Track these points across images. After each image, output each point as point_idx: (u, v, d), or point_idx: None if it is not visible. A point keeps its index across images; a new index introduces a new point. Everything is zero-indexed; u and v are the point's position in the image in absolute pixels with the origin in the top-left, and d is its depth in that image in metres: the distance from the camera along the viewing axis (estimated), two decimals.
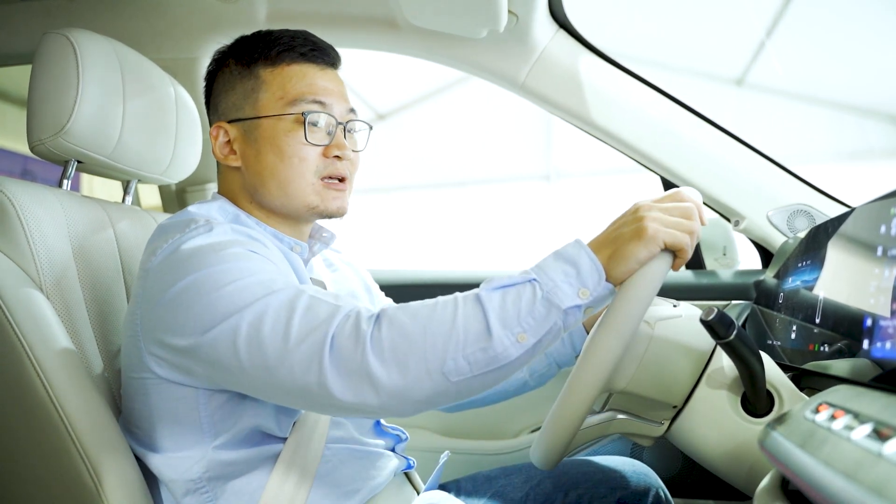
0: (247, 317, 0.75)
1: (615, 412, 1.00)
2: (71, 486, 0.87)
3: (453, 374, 0.71)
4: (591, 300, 0.74)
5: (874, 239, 0.75)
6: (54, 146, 1.02)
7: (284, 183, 0.95)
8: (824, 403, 0.66)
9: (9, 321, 0.88)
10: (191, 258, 0.82)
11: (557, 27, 1.41)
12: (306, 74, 0.97)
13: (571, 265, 0.75)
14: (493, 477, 1.16)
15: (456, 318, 0.72)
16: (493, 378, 0.73)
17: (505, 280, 0.74)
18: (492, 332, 0.71)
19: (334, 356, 0.72)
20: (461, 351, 0.71)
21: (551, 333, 0.73)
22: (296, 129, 0.95)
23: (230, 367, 0.76)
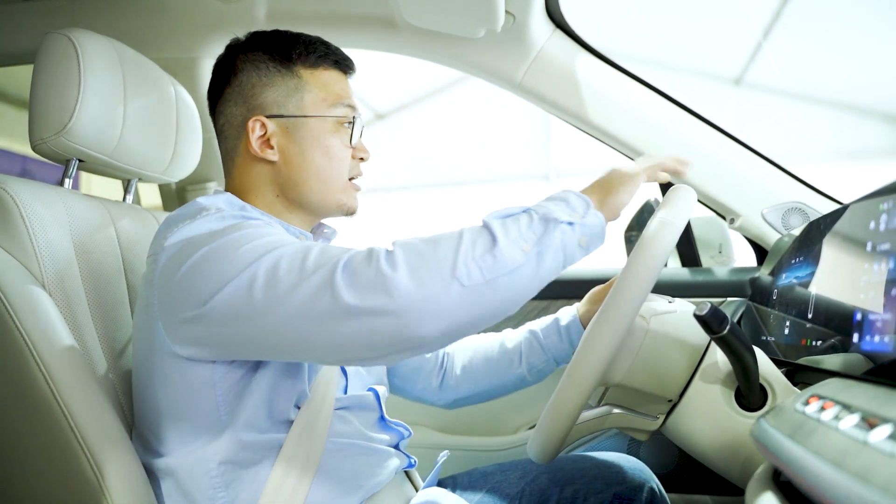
0: (263, 264, 0.79)
1: (611, 406, 1.01)
2: (73, 479, 0.88)
3: (465, 277, 0.74)
4: (581, 222, 0.82)
5: (864, 235, 0.76)
6: (56, 145, 1.03)
7: (327, 181, 1.01)
8: (815, 395, 0.67)
9: (12, 317, 0.89)
10: (204, 236, 0.85)
11: (554, 27, 1.42)
12: (339, 80, 1.04)
13: (561, 199, 0.84)
14: (490, 473, 1.17)
15: (463, 235, 0.78)
16: (504, 286, 0.76)
17: (503, 211, 0.82)
18: (497, 240, 0.77)
19: (346, 274, 0.75)
20: (471, 256, 0.76)
21: (551, 247, 0.79)
22: (339, 130, 1.02)
23: (247, 315, 0.79)
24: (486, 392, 1.23)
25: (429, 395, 1.24)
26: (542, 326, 1.20)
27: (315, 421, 0.92)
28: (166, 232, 0.90)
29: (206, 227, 0.88)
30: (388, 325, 0.74)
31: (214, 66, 1.06)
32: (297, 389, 0.92)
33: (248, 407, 0.88)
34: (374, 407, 1.03)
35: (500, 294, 0.77)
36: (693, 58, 4.84)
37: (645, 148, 1.41)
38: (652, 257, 0.82)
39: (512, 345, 1.21)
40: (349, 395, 1.00)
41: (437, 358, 1.24)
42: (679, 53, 4.74)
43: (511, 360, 1.20)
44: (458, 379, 1.23)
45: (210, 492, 0.88)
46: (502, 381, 1.22)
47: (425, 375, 1.23)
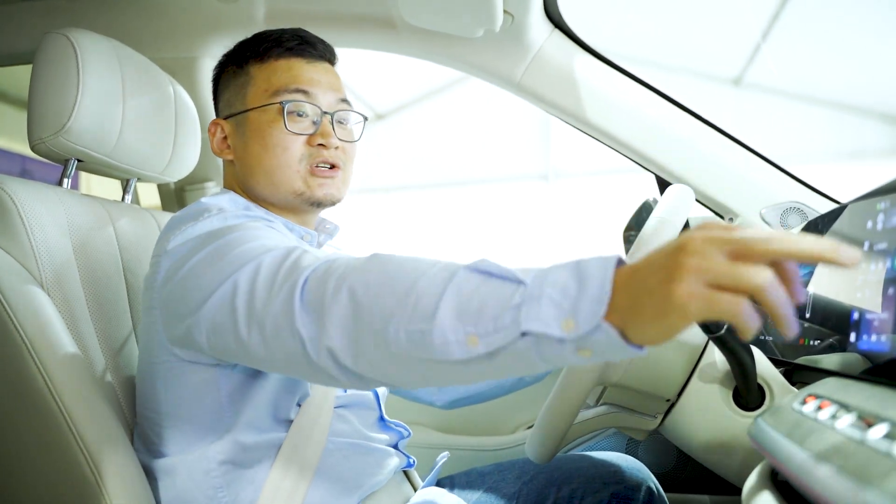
0: (245, 273, 0.74)
1: (609, 406, 1.01)
2: (71, 479, 0.88)
3: (393, 342, 0.60)
4: (576, 337, 0.52)
5: (861, 234, 0.76)
6: (55, 145, 1.03)
7: (270, 172, 0.98)
8: (812, 395, 0.68)
9: (10, 317, 0.89)
10: (204, 238, 0.84)
11: (553, 27, 1.42)
12: (292, 67, 1.00)
13: (578, 281, 0.54)
14: (487, 473, 1.17)
15: (416, 285, 0.60)
16: (433, 368, 0.60)
17: (497, 268, 0.59)
18: (437, 315, 0.57)
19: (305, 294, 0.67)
20: (404, 323, 0.59)
21: (513, 357, 0.56)
22: (278, 118, 0.97)
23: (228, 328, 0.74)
24: (484, 393, 1.23)
25: (427, 395, 1.25)
26: None
27: (315, 419, 0.92)
28: (169, 234, 0.90)
29: (208, 227, 0.87)
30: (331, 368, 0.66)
31: None
32: (301, 389, 0.92)
33: (252, 406, 0.88)
34: (374, 406, 1.03)
35: (440, 375, 0.61)
36: (692, 58, 4.84)
37: (643, 148, 1.41)
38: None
39: None
40: (349, 393, 1.00)
41: None
42: (677, 53, 4.74)
43: None
44: None
45: (210, 492, 0.89)
46: (500, 382, 1.22)
47: None
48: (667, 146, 1.40)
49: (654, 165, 1.42)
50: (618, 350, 0.53)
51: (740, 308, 0.47)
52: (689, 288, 0.48)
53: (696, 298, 0.48)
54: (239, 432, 0.88)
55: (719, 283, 0.48)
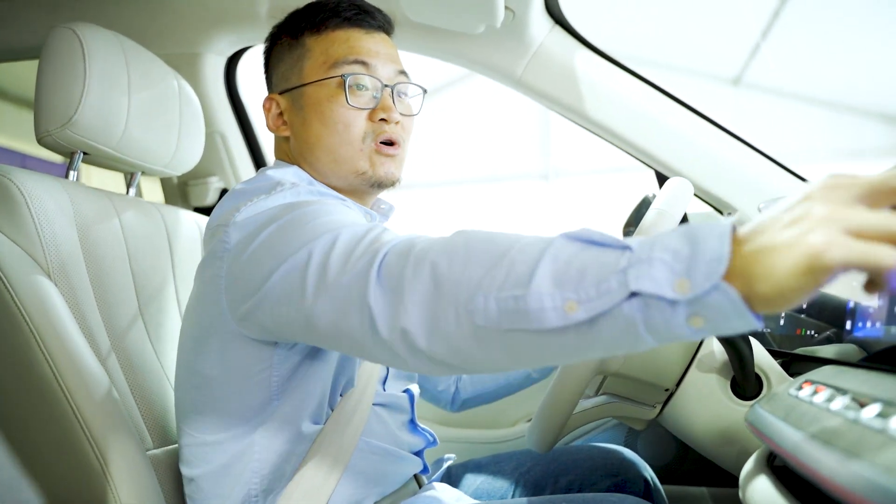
0: (320, 244, 0.70)
1: (609, 396, 1.02)
2: (77, 467, 0.89)
3: (480, 314, 0.56)
4: (692, 297, 0.48)
5: None
6: (61, 137, 1.04)
7: (332, 150, 0.94)
8: (808, 381, 0.69)
9: (18, 306, 0.90)
10: (274, 212, 0.80)
11: (553, 23, 1.43)
12: (350, 38, 0.95)
13: (690, 243, 0.49)
14: (485, 464, 1.17)
15: (509, 252, 0.57)
16: (520, 343, 0.55)
17: (599, 236, 0.55)
18: (533, 280, 0.54)
19: (383, 270, 0.64)
20: (495, 289, 0.55)
21: (614, 318, 0.51)
22: (338, 93, 0.93)
23: (296, 297, 0.70)
24: (492, 392, 1.23)
25: (447, 395, 1.23)
26: None
27: (353, 413, 0.90)
28: (237, 203, 0.85)
29: (281, 200, 0.83)
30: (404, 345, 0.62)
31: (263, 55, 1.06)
32: (347, 375, 0.91)
33: (299, 392, 0.86)
34: (407, 409, 1.02)
35: (520, 353, 0.57)
36: (691, 57, 4.85)
37: (642, 143, 1.42)
38: None
39: None
40: (387, 392, 0.98)
41: None
42: (677, 53, 4.75)
43: None
44: (465, 381, 1.23)
45: (248, 475, 0.86)
46: (508, 380, 1.21)
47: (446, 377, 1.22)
48: (666, 142, 1.41)
49: (654, 161, 1.43)
50: (735, 317, 0.47)
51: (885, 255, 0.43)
52: (827, 237, 0.44)
53: (837, 246, 0.44)
54: (282, 417, 0.86)
55: (860, 230, 0.44)
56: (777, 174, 1.41)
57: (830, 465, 0.47)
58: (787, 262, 0.45)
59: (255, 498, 0.87)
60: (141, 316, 1.10)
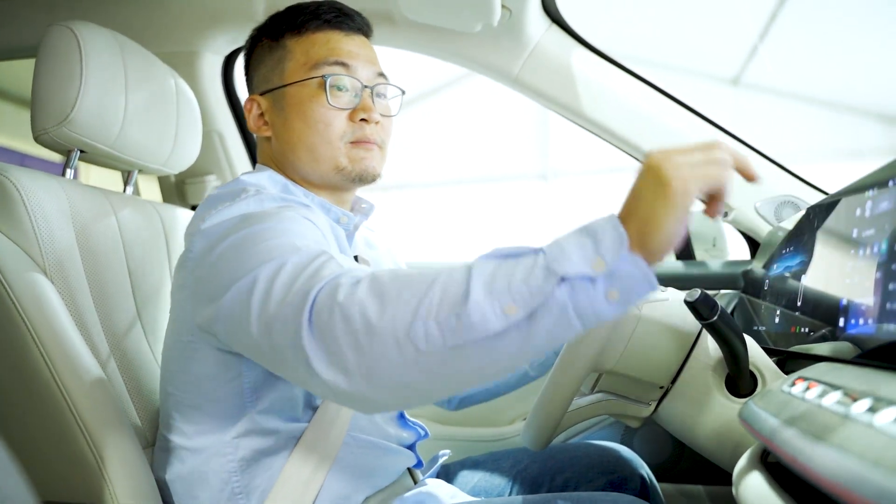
0: (265, 271, 0.71)
1: (604, 394, 1.02)
2: (74, 464, 0.89)
3: (422, 340, 0.59)
4: (607, 271, 0.57)
5: (851, 222, 0.77)
6: (58, 135, 1.04)
7: (312, 148, 0.96)
8: (801, 378, 0.69)
9: (14, 304, 0.90)
10: (237, 222, 0.82)
11: (550, 22, 1.43)
12: (330, 39, 0.98)
13: (589, 236, 0.59)
14: (482, 462, 1.17)
15: (436, 281, 0.61)
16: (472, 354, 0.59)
17: (506, 250, 0.62)
18: (470, 295, 0.58)
19: (314, 317, 0.64)
20: (433, 314, 0.59)
21: (549, 308, 0.57)
22: (319, 93, 0.95)
23: (242, 323, 0.72)
24: (489, 390, 1.23)
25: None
26: None
27: (338, 412, 0.91)
28: (204, 213, 0.87)
29: (243, 209, 0.85)
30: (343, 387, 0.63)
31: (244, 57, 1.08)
32: None
33: (274, 394, 0.87)
34: None
35: (468, 365, 0.60)
36: (690, 57, 4.85)
37: (639, 142, 1.42)
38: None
39: None
40: None
41: None
42: (675, 53, 4.76)
43: None
44: None
45: (225, 475, 0.88)
46: (505, 378, 1.21)
47: None
48: (662, 140, 1.41)
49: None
50: (642, 281, 0.58)
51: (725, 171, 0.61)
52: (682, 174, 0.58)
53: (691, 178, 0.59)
54: (259, 419, 0.87)
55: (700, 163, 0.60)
56: (772, 172, 1.41)
57: (821, 460, 0.47)
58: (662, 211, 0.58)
59: (240, 496, 0.88)
60: (137, 314, 1.10)
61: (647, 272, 0.58)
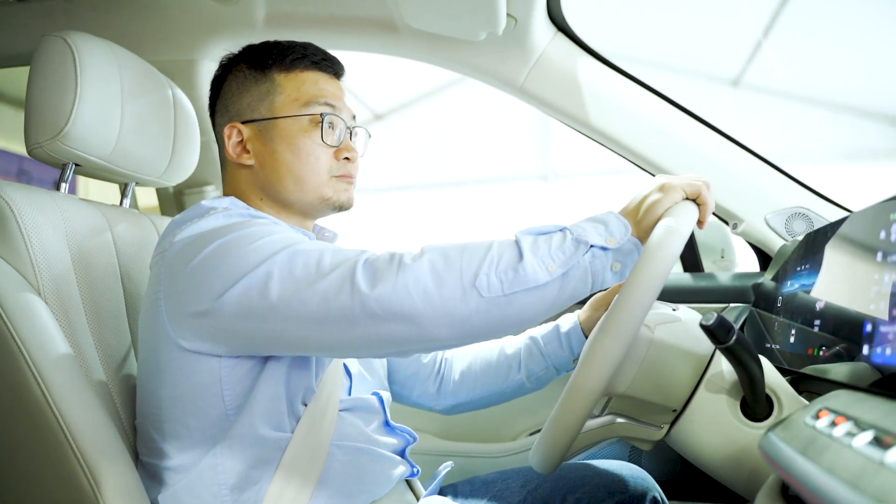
0: (277, 260, 0.80)
1: (615, 416, 1.00)
2: (69, 489, 0.87)
3: (485, 288, 0.76)
4: (617, 247, 0.80)
5: (874, 244, 0.75)
6: (52, 149, 1.02)
7: (300, 178, 1.01)
8: (825, 409, 0.66)
9: (7, 327, 0.88)
10: (213, 232, 0.86)
11: (556, 30, 1.41)
12: (318, 80, 1.04)
13: (600, 222, 0.82)
14: (491, 481, 1.16)
15: (492, 247, 0.79)
16: (522, 303, 0.77)
17: (539, 227, 0.82)
18: (524, 256, 0.77)
19: (367, 274, 0.77)
20: (494, 268, 0.76)
21: (578, 269, 0.78)
22: (311, 129, 1.01)
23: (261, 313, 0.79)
24: (485, 398, 1.22)
25: (426, 400, 1.24)
26: (543, 333, 1.19)
27: (321, 419, 0.92)
28: (174, 230, 0.91)
29: (216, 223, 0.89)
30: (405, 327, 0.76)
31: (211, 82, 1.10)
32: (304, 385, 0.92)
33: (255, 403, 0.88)
34: (378, 410, 1.03)
35: (517, 309, 0.77)
36: (690, 58, 4.84)
37: (647, 153, 1.40)
38: (657, 266, 0.80)
39: (511, 351, 1.20)
40: (353, 396, 1.00)
41: (434, 364, 1.23)
42: (676, 54, 4.74)
43: (510, 366, 1.19)
44: (456, 384, 1.22)
45: (215, 489, 0.88)
46: (501, 387, 1.21)
47: (422, 381, 1.22)
48: (671, 151, 1.39)
49: (658, 170, 1.41)
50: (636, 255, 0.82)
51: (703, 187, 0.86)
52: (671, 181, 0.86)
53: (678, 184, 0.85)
54: (243, 429, 0.88)
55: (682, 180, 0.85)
56: (783, 184, 1.39)
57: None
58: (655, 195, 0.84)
59: None
60: (132, 334, 1.08)
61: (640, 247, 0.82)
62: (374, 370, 1.11)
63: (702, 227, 0.88)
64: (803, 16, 4.41)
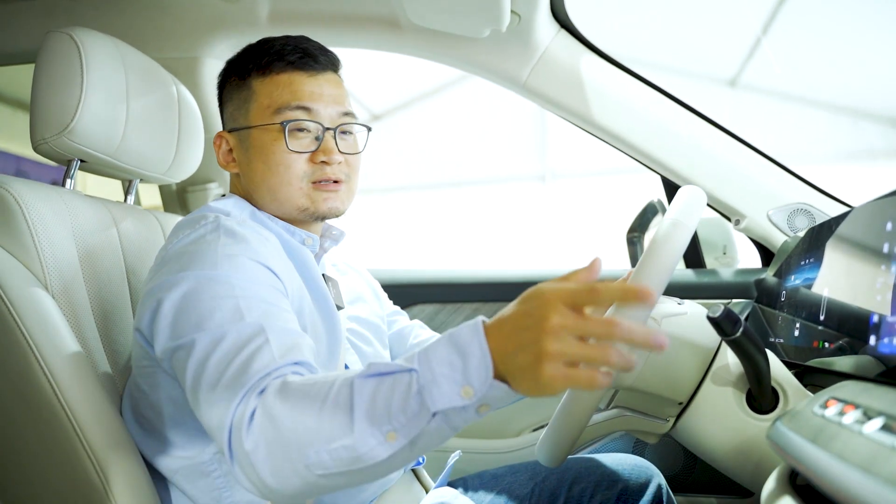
0: (204, 339, 0.76)
1: (621, 409, 1.00)
2: (78, 484, 0.87)
3: (317, 467, 0.65)
4: (477, 399, 0.62)
5: (880, 236, 0.75)
6: (58, 145, 1.02)
7: (273, 189, 0.98)
8: (833, 399, 0.67)
9: (15, 321, 0.88)
10: (189, 256, 0.84)
11: (559, 27, 1.41)
12: (293, 82, 0.99)
13: (459, 355, 0.63)
14: (500, 475, 1.16)
15: (324, 406, 0.66)
16: (361, 477, 0.67)
17: (384, 367, 0.66)
18: (354, 428, 0.64)
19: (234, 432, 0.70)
20: (325, 446, 0.65)
21: (429, 435, 0.64)
22: (279, 137, 0.97)
23: (182, 381, 0.78)
24: None
25: None
26: None
27: None
28: (172, 238, 0.91)
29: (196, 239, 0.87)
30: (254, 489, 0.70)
31: None
32: None
33: None
34: None
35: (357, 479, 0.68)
36: (688, 59, 4.85)
37: (650, 149, 1.40)
38: (665, 258, 0.81)
39: None
40: None
41: None
42: (673, 54, 4.75)
43: None
44: None
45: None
46: None
47: None
48: (674, 147, 1.39)
49: (661, 167, 1.42)
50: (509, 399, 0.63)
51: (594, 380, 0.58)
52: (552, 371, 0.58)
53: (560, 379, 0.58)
54: None
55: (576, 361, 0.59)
56: (786, 180, 1.39)
57: (874, 496, 0.45)
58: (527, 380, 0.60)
59: None
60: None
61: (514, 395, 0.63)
62: None
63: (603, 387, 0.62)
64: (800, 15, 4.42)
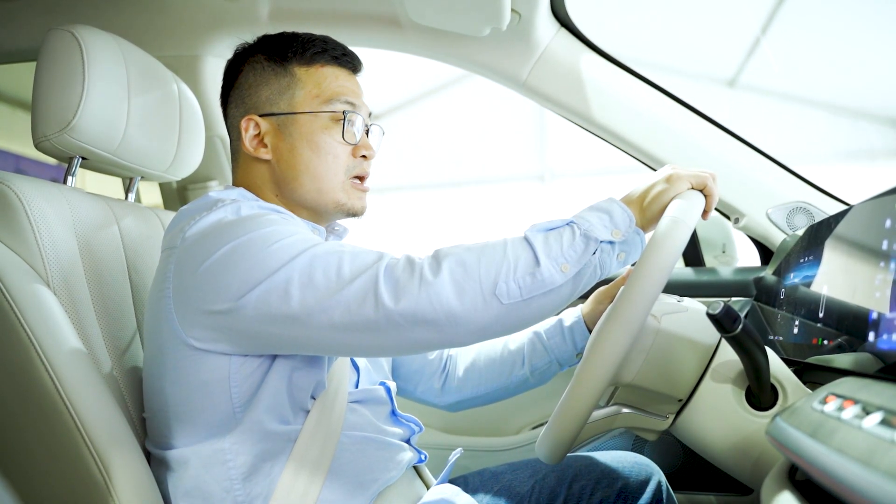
0: (297, 266, 0.80)
1: (620, 406, 1.00)
2: (80, 480, 0.87)
3: (505, 296, 0.78)
4: (622, 239, 0.84)
5: (879, 234, 0.76)
6: (59, 142, 1.02)
7: (318, 178, 1.00)
8: (832, 394, 0.67)
9: (17, 317, 0.88)
10: (226, 228, 0.86)
11: (559, 26, 1.41)
12: (339, 76, 1.03)
13: (605, 212, 0.85)
14: (500, 472, 1.17)
15: (506, 250, 0.81)
16: (540, 304, 0.80)
17: (547, 224, 0.84)
18: (539, 261, 0.80)
19: (389, 285, 0.78)
20: (512, 275, 0.79)
21: (589, 267, 0.82)
22: (332, 126, 1.00)
23: (281, 319, 0.80)
24: (489, 394, 1.23)
25: (430, 396, 1.24)
26: (546, 328, 1.20)
27: (330, 412, 0.92)
28: (182, 224, 0.90)
29: (226, 217, 0.88)
30: (428, 334, 0.79)
31: (224, 70, 1.07)
32: (315, 379, 0.92)
33: (264, 398, 0.88)
34: (386, 401, 1.03)
35: (535, 310, 0.81)
36: (686, 59, 4.85)
37: (650, 147, 1.40)
38: (665, 256, 0.81)
39: (515, 346, 1.20)
40: (361, 388, 1.00)
41: (441, 360, 1.24)
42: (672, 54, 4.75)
43: (514, 361, 1.20)
44: (460, 381, 1.23)
45: (227, 483, 0.88)
46: (505, 383, 1.21)
47: (427, 378, 1.23)
48: (673, 146, 1.39)
49: (661, 165, 1.42)
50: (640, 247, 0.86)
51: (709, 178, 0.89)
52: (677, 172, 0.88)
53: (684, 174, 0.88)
54: (252, 423, 0.88)
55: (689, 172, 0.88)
56: (785, 178, 1.40)
57: (874, 489, 0.46)
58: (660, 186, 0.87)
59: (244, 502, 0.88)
60: (139, 326, 1.08)
61: (645, 242, 0.85)
62: (380, 365, 1.11)
63: (706, 217, 0.90)
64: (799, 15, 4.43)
